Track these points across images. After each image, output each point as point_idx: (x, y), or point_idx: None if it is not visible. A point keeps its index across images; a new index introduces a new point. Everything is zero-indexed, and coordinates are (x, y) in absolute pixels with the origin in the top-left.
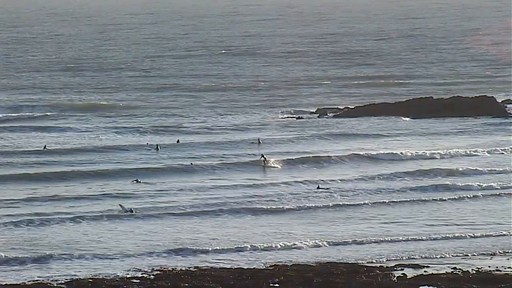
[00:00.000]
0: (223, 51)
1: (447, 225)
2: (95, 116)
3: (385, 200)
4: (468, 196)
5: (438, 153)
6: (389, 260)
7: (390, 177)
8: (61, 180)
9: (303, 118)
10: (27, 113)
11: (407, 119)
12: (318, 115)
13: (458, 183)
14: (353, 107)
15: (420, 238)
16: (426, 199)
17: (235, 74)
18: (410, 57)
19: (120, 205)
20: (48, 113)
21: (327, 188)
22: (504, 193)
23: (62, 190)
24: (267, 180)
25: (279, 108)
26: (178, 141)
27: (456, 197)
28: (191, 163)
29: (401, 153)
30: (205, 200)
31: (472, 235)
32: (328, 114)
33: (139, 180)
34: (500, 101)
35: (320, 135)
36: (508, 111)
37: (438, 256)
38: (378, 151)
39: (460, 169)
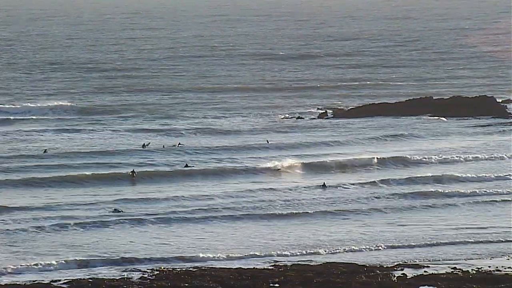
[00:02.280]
0: (215, 52)
1: (453, 229)
2: (91, 118)
3: (387, 206)
4: (469, 202)
5: (441, 157)
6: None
7: (390, 183)
8: (58, 185)
9: (303, 119)
10: (25, 116)
11: (444, 119)
12: (318, 115)
13: (459, 190)
14: (353, 107)
15: (424, 243)
16: (425, 205)
17: (229, 75)
18: (409, 57)
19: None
20: (43, 116)
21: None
22: (504, 199)
23: (58, 195)
24: (284, 184)
25: (275, 110)
26: (179, 143)
27: (457, 204)
28: (186, 164)
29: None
30: (216, 205)
31: (474, 241)
32: (328, 114)
33: (134, 172)
34: (500, 101)
35: (330, 138)
36: (508, 111)
37: (438, 257)
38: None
39: (460, 175)
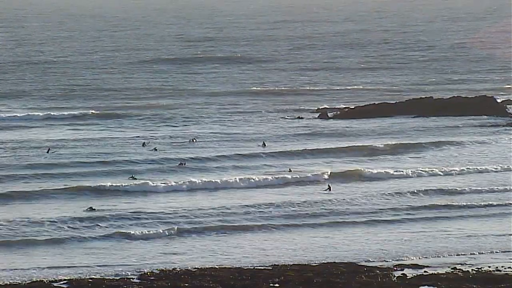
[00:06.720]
0: (206, 56)
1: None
2: (88, 121)
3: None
4: (470, 214)
5: (450, 169)
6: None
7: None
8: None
9: (303, 118)
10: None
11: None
12: (318, 115)
13: (460, 202)
14: (353, 107)
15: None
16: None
17: (224, 78)
18: (409, 57)
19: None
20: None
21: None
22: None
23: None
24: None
25: (271, 111)
26: (193, 139)
27: (460, 215)
28: (181, 163)
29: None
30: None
31: (476, 253)
32: (328, 114)
33: (134, 177)
34: (500, 101)
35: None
36: (508, 111)
37: (438, 257)
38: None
39: (459, 188)
